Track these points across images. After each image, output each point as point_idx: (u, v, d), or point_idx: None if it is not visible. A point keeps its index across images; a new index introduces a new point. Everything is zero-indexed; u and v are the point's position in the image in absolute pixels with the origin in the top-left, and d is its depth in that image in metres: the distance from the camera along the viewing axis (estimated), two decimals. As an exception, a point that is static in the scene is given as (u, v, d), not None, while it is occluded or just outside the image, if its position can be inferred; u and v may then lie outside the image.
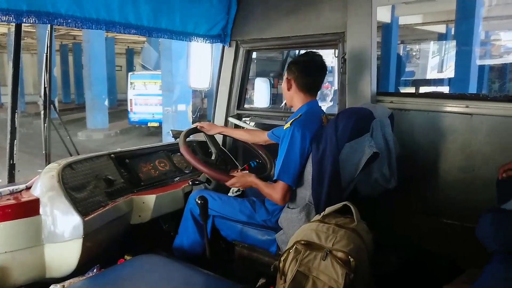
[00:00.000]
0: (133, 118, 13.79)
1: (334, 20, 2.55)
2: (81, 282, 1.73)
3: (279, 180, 1.96)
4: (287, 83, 2.12)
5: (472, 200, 2.23)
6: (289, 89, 2.12)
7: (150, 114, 13.37)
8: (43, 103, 2.46)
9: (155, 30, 2.68)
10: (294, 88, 2.11)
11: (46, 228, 1.91)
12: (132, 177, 2.44)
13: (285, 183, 1.95)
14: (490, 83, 16.06)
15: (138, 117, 13.64)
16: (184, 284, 1.63)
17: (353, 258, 1.57)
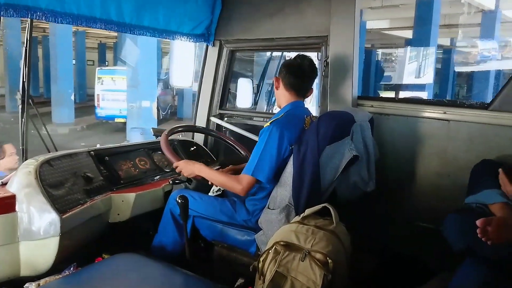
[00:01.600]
0: (100, 114, 13.63)
1: (318, 23, 2.58)
2: (57, 281, 1.71)
3: (246, 174, 1.99)
4: (276, 82, 2.18)
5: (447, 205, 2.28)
6: (277, 88, 2.18)
7: (117, 110, 13.21)
8: (21, 98, 2.41)
9: (137, 28, 2.65)
10: (282, 87, 2.15)
11: (22, 225, 1.88)
12: (112, 175, 2.41)
13: (253, 177, 1.98)
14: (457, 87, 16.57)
15: (105, 112, 13.49)
16: (162, 284, 1.63)
17: (331, 260, 1.59)
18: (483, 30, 12.88)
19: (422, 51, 12.26)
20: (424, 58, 12.45)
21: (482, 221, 1.45)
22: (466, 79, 18.18)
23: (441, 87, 16.93)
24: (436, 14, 11.53)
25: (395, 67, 14.77)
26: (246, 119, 3.20)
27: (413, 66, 12.86)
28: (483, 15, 12.74)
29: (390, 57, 16.23)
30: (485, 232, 1.45)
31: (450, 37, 17.01)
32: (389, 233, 2.44)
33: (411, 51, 12.81)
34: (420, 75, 12.97)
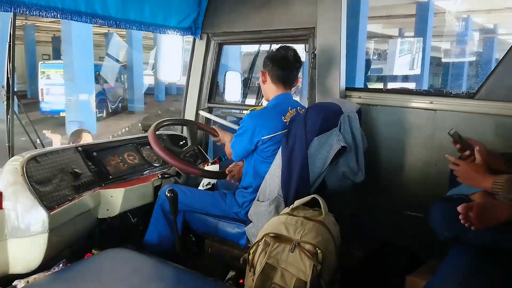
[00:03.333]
0: (44, 108, 13.42)
1: (305, 15, 2.57)
2: (47, 278, 1.70)
3: None
4: (262, 76, 2.17)
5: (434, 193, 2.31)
6: (264, 82, 2.17)
7: (62, 104, 12.84)
8: (6, 94, 2.38)
9: (123, 21, 2.63)
10: (269, 81, 2.15)
11: (9, 223, 1.86)
12: (100, 170, 2.39)
13: None
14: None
15: (50, 107, 13.29)
16: (153, 278, 1.62)
17: (321, 250, 1.61)
18: (417, 20, 13.47)
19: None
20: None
21: (463, 206, 1.48)
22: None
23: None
24: (364, 6, 11.50)
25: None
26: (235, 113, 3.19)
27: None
28: (417, 6, 13.24)
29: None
30: (468, 217, 1.47)
31: (399, 28, 17.45)
32: (378, 223, 2.46)
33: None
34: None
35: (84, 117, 10.70)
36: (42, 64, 14.05)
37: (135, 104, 16.84)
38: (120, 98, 16.94)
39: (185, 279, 1.63)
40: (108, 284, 1.54)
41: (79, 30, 10.44)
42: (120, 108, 16.81)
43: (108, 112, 15.71)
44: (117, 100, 16.65)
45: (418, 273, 2.01)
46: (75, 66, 10.67)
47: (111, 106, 16.03)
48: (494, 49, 16.95)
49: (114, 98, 16.44)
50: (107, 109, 15.71)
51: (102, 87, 15.36)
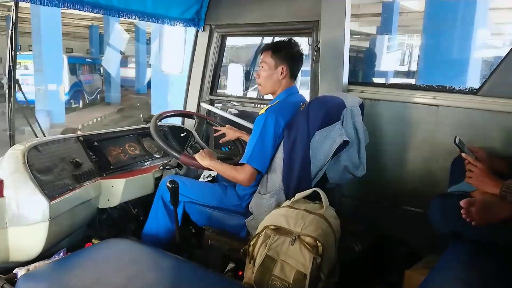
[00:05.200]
0: (20, 98, 13.49)
1: (309, 8, 2.56)
2: (47, 266, 1.70)
3: (247, 164, 1.97)
4: (282, 70, 2.09)
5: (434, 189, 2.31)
6: (284, 77, 2.10)
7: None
8: (7, 82, 2.38)
9: (125, 11, 2.62)
10: (287, 76, 2.11)
11: (10, 211, 1.86)
12: (101, 160, 2.39)
13: (253, 168, 1.97)
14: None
15: (28, 96, 13.40)
16: (152, 268, 1.62)
17: (321, 243, 1.61)
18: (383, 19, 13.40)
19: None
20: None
21: (466, 201, 1.49)
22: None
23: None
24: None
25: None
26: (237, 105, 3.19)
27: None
28: (383, 5, 13.22)
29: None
30: (469, 212, 1.48)
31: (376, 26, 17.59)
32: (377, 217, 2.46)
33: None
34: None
35: (52, 107, 11.08)
36: (18, 55, 14.07)
37: (111, 95, 17.20)
38: (98, 90, 17.41)
39: (184, 270, 1.63)
40: (108, 273, 1.55)
41: (48, 23, 10.89)
42: (98, 99, 17.32)
43: (84, 103, 16.18)
44: (94, 92, 17.14)
45: (416, 268, 2.02)
46: (44, 57, 11.05)
47: (88, 97, 16.54)
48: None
49: (91, 90, 16.93)
50: (84, 100, 16.18)
51: (78, 78, 15.78)
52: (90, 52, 20.24)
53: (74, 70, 15.62)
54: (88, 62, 17.40)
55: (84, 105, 16.10)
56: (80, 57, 18.33)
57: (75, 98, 15.58)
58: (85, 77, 16.44)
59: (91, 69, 17.29)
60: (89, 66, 17.09)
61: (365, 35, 15.85)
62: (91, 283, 1.48)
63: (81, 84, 16.04)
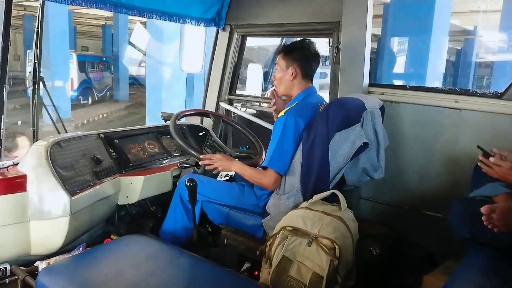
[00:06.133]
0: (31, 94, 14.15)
1: (330, 9, 2.54)
2: (67, 260, 1.73)
3: (270, 168, 1.97)
4: (293, 71, 2.09)
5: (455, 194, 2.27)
6: (295, 78, 2.10)
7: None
8: (32, 79, 2.43)
9: (146, 11, 2.65)
10: (298, 76, 2.11)
11: (32, 205, 1.90)
12: (121, 157, 2.42)
13: (277, 172, 1.96)
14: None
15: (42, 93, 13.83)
16: (169, 266, 1.64)
17: (338, 246, 1.60)
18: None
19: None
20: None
21: (487, 207, 1.46)
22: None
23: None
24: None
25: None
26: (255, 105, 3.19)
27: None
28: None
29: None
30: (490, 219, 1.45)
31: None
32: (395, 220, 2.44)
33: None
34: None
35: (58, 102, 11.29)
36: (30, 52, 14.59)
37: (120, 93, 17.62)
38: (108, 87, 17.87)
39: (201, 268, 1.64)
40: (126, 269, 1.57)
41: (55, 22, 11.13)
42: (108, 96, 17.80)
43: (93, 99, 16.68)
44: (104, 89, 17.62)
45: (435, 274, 1.99)
46: (51, 54, 11.27)
47: (98, 94, 17.01)
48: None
49: (101, 87, 17.40)
50: (93, 96, 16.68)
51: (88, 76, 16.26)
52: (103, 50, 20.59)
53: (83, 68, 16.10)
54: (97, 60, 17.90)
55: (93, 102, 16.58)
56: (89, 55, 18.82)
57: (84, 95, 16.09)
58: (95, 74, 16.91)
59: (101, 67, 17.75)
60: (98, 64, 17.56)
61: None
62: (110, 278, 1.50)
63: (90, 81, 16.52)
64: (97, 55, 19.46)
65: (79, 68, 15.62)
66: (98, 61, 17.77)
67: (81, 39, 24.26)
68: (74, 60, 15.15)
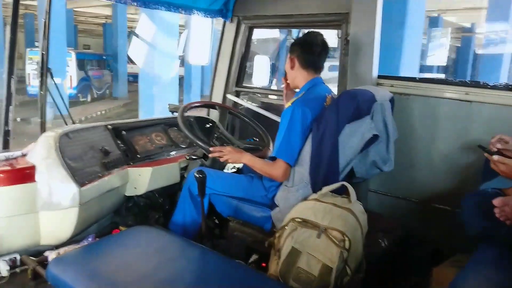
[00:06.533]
0: (31, 91, 14.60)
1: (339, 0, 2.52)
2: (76, 250, 1.75)
3: (279, 158, 1.96)
4: (291, 62, 2.11)
5: (464, 187, 2.26)
6: (292, 68, 2.12)
7: None
8: (40, 70, 2.43)
9: (152, 2, 2.63)
10: (297, 66, 2.10)
11: (41, 196, 1.91)
12: (129, 149, 2.42)
13: (286, 162, 1.95)
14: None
15: (35, 90, 14.10)
16: (178, 257, 1.65)
17: (348, 238, 1.59)
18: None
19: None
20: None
21: (499, 200, 1.44)
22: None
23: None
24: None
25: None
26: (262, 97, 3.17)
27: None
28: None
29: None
30: (503, 211, 1.43)
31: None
32: (404, 213, 2.43)
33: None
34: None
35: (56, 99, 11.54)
36: (30, 51, 15.09)
37: (119, 90, 17.85)
38: (108, 85, 18.15)
39: (209, 260, 1.65)
40: (134, 260, 1.58)
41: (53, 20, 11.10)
42: (107, 94, 18.10)
43: (93, 97, 16.99)
44: (103, 86, 17.89)
45: (445, 266, 1.98)
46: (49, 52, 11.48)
47: (97, 91, 17.31)
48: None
49: (101, 84, 17.68)
50: (92, 94, 16.98)
51: (87, 73, 16.50)
52: (104, 48, 20.79)
53: (82, 66, 16.33)
54: (97, 58, 18.16)
55: (92, 99, 16.87)
56: (88, 53, 19.14)
57: (83, 92, 16.34)
58: (94, 72, 17.15)
59: (101, 65, 18.01)
60: (98, 62, 17.81)
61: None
62: (119, 269, 1.51)
63: (90, 79, 16.77)
64: (96, 53, 19.74)
65: (78, 66, 15.89)
66: (98, 59, 18.05)
67: (83, 37, 24.42)
68: (73, 58, 15.44)
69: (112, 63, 18.24)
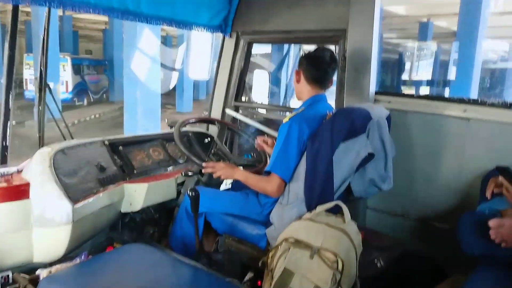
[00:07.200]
0: (28, 96, 15.26)
1: (337, 16, 2.52)
2: (69, 268, 1.73)
3: (273, 173, 1.95)
4: (296, 75, 2.12)
5: (463, 205, 2.23)
6: (298, 82, 2.12)
7: None
8: (39, 85, 2.44)
9: (154, 18, 2.65)
10: (303, 81, 2.10)
11: (35, 212, 1.90)
12: (125, 164, 2.42)
13: (280, 178, 1.94)
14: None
15: (32, 94, 14.83)
16: (171, 275, 1.63)
17: (341, 259, 1.57)
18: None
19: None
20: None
21: (495, 221, 1.42)
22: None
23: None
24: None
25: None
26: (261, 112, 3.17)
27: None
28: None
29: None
30: (498, 233, 1.41)
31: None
32: (402, 231, 2.40)
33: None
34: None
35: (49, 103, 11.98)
36: (27, 56, 15.50)
37: (116, 94, 18.03)
38: (105, 89, 18.66)
39: (202, 278, 1.63)
40: (126, 278, 1.56)
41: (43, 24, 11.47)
42: (104, 98, 18.59)
43: (89, 101, 17.51)
44: (100, 91, 18.44)
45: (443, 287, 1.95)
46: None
47: (94, 96, 17.83)
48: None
49: (97, 89, 18.18)
50: (88, 98, 17.51)
51: (83, 78, 17.04)
52: (104, 53, 21.14)
53: (78, 71, 16.79)
54: (93, 63, 18.61)
55: (88, 103, 17.29)
56: (84, 58, 19.42)
57: (78, 96, 16.82)
58: (91, 77, 17.63)
59: (99, 70, 18.46)
60: (94, 67, 18.26)
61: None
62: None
63: (85, 84, 17.25)
64: (93, 58, 20.15)
65: (73, 71, 16.31)
66: (94, 64, 18.47)
67: (85, 43, 24.71)
68: (68, 63, 15.85)
69: (108, 68, 18.59)
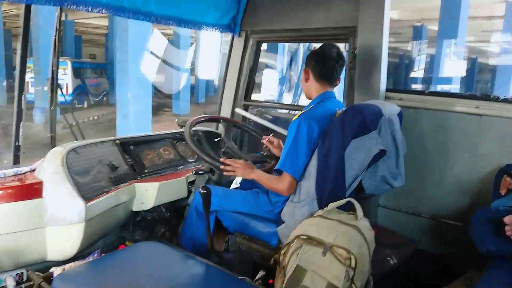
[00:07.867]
0: (28, 98, 15.29)
1: (346, 13, 2.52)
2: (82, 266, 1.74)
3: (284, 172, 1.95)
4: (305, 73, 2.11)
5: (475, 202, 2.21)
6: (306, 80, 2.11)
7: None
8: (50, 86, 2.47)
9: (163, 18, 2.67)
10: (311, 79, 2.09)
11: (48, 211, 1.92)
12: (136, 163, 2.43)
13: (291, 176, 1.94)
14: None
15: (31, 97, 14.81)
16: (183, 273, 1.64)
17: (354, 256, 1.56)
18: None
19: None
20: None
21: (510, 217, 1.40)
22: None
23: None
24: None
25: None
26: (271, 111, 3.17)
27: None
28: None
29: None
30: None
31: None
32: (414, 229, 2.38)
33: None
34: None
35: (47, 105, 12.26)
36: (28, 60, 15.50)
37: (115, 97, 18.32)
38: (105, 92, 18.65)
39: (214, 276, 1.63)
40: (139, 276, 1.57)
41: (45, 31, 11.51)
42: (104, 101, 18.56)
43: (89, 103, 17.60)
44: (101, 94, 18.51)
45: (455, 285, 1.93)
46: (41, 61, 12.07)
47: (94, 98, 17.95)
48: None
49: (98, 92, 18.28)
50: (88, 101, 17.60)
51: (83, 81, 17.18)
52: (106, 57, 21.40)
53: (78, 74, 16.91)
54: (93, 66, 18.84)
55: (89, 106, 17.44)
56: (85, 62, 19.61)
57: (78, 99, 16.85)
58: (91, 80, 17.81)
59: (98, 73, 18.68)
60: (95, 70, 18.47)
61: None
62: (122, 285, 1.50)
63: (86, 86, 17.38)
64: (93, 62, 20.41)
65: (73, 74, 16.41)
66: (94, 68, 18.67)
67: (89, 47, 25.01)
68: (68, 67, 15.90)
69: (109, 71, 18.65)
